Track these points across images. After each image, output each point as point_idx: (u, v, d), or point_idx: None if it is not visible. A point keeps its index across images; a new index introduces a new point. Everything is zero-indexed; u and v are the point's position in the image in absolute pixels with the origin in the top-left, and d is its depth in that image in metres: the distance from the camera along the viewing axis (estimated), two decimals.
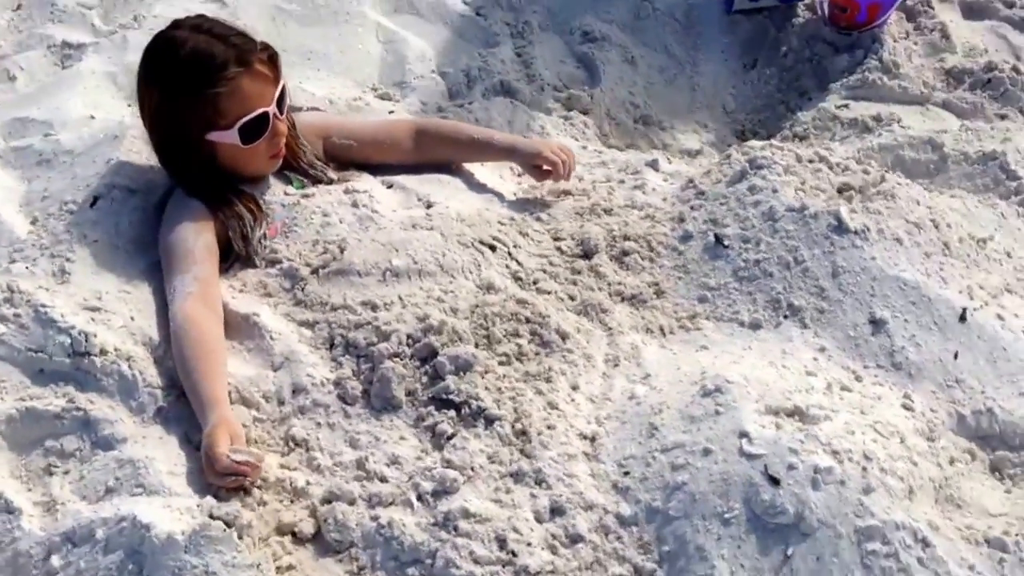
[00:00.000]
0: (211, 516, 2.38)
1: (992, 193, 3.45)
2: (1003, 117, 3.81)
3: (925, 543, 2.44)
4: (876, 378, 2.80)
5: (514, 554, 2.40)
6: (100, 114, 3.45)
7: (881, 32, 4.03)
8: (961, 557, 2.46)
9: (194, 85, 2.85)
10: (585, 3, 4.18)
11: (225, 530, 2.36)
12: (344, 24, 3.87)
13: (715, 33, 4.21)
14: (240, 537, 2.37)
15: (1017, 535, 2.53)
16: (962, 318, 2.90)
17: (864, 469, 2.49)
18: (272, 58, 2.95)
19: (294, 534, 2.46)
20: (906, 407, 2.74)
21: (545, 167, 3.25)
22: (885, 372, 2.82)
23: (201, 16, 3.00)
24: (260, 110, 2.91)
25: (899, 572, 2.39)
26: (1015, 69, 3.91)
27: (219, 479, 2.48)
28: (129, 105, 3.53)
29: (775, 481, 2.45)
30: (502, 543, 2.42)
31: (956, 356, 2.85)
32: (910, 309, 2.89)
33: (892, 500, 2.48)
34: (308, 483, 2.54)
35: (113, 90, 3.63)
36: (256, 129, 2.92)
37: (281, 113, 2.98)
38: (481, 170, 3.38)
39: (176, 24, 2.96)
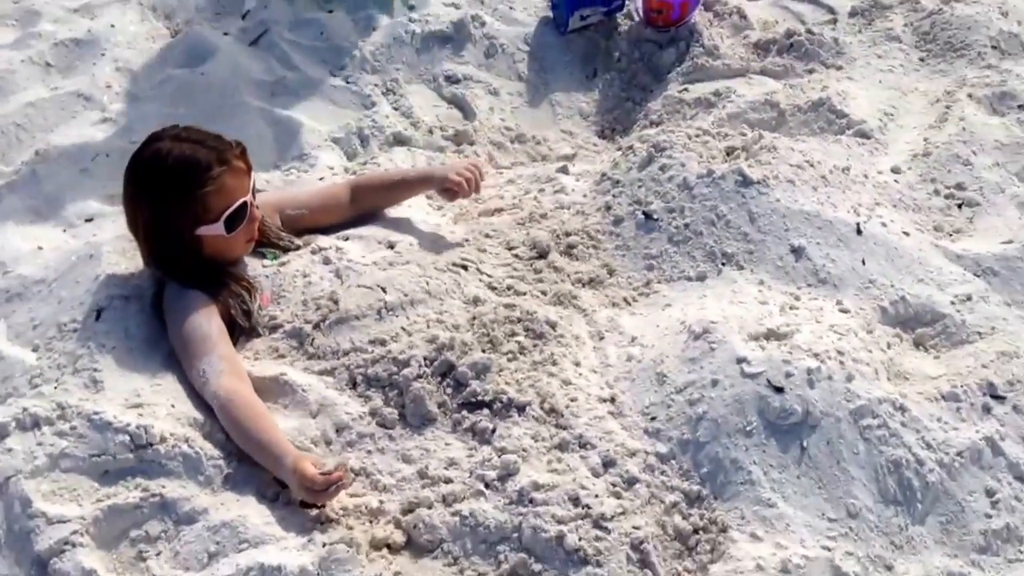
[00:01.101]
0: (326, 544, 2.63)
1: (828, 132, 3.94)
2: (811, 72, 4.30)
3: (903, 409, 2.89)
4: (811, 295, 3.23)
5: (588, 507, 2.69)
6: (45, 244, 3.52)
7: (693, 24, 4.48)
8: (930, 414, 2.93)
9: (184, 188, 3.04)
10: (439, 53, 4.47)
11: (348, 550, 2.60)
12: (231, 116, 4.01)
13: (556, 54, 4.55)
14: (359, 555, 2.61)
15: (962, 386, 3.01)
16: (858, 231, 3.37)
17: (841, 363, 2.93)
18: (243, 153, 3.16)
19: (388, 546, 2.67)
20: (842, 311, 3.18)
21: (454, 188, 3.50)
22: (815, 288, 3.26)
23: (176, 126, 3.17)
24: (240, 200, 3.12)
25: (892, 438, 2.83)
26: (809, 31, 4.42)
27: (325, 496, 2.68)
28: (64, 230, 3.63)
29: (779, 390, 2.86)
30: (575, 501, 2.70)
31: (864, 262, 3.31)
32: (818, 234, 3.34)
33: (868, 382, 2.92)
34: (381, 502, 2.76)
35: (41, 222, 3.68)
36: (238, 218, 3.13)
37: (255, 200, 3.21)
38: (408, 211, 3.64)
39: (156, 137, 3.14)
